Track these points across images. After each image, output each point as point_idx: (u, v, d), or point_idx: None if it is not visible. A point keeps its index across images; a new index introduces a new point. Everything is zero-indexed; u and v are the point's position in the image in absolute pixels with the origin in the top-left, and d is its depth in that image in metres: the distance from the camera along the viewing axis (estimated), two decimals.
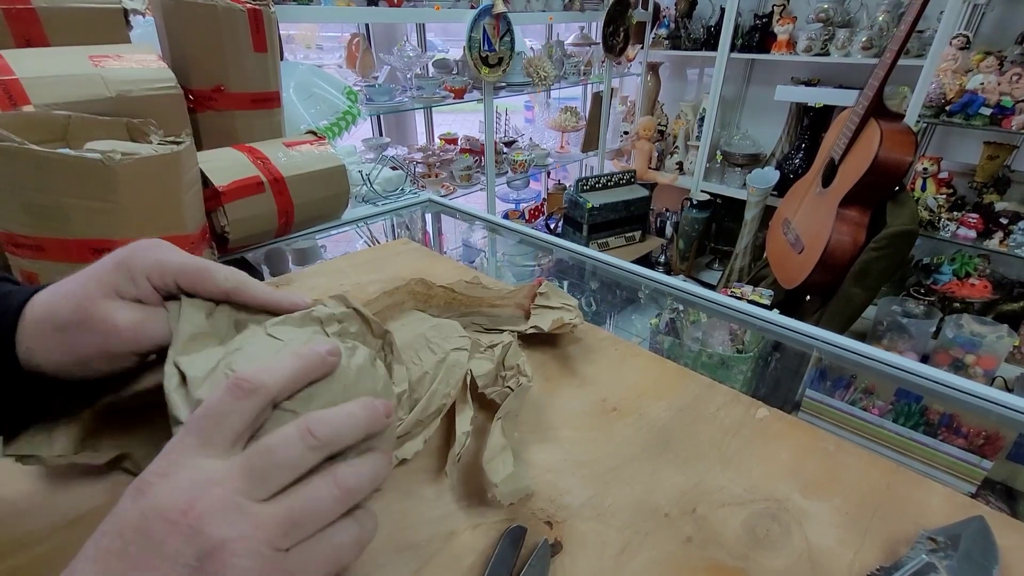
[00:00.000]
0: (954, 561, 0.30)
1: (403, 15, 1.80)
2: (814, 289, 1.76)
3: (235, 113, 0.81)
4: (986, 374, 1.62)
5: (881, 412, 0.58)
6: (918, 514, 0.36)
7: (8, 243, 0.53)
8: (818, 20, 2.14)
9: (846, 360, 0.59)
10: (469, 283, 0.54)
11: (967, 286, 1.89)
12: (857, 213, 1.61)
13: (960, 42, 1.80)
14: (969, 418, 0.55)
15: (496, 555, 0.31)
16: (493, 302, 0.54)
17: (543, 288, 0.54)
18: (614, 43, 2.46)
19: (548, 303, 0.53)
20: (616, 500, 0.36)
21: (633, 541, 0.34)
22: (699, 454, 0.41)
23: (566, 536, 0.34)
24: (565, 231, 2.55)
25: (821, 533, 0.35)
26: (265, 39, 0.80)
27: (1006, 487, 0.52)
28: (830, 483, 0.39)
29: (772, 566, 0.32)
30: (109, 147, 0.51)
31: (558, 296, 0.54)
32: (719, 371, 0.78)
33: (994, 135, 1.83)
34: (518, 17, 2.00)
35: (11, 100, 0.58)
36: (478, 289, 0.54)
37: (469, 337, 0.45)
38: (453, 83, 1.98)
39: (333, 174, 0.82)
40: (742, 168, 2.58)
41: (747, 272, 2.39)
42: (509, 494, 0.33)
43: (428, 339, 0.43)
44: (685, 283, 0.74)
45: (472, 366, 0.43)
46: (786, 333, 0.63)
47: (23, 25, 0.67)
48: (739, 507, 0.36)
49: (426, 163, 2.14)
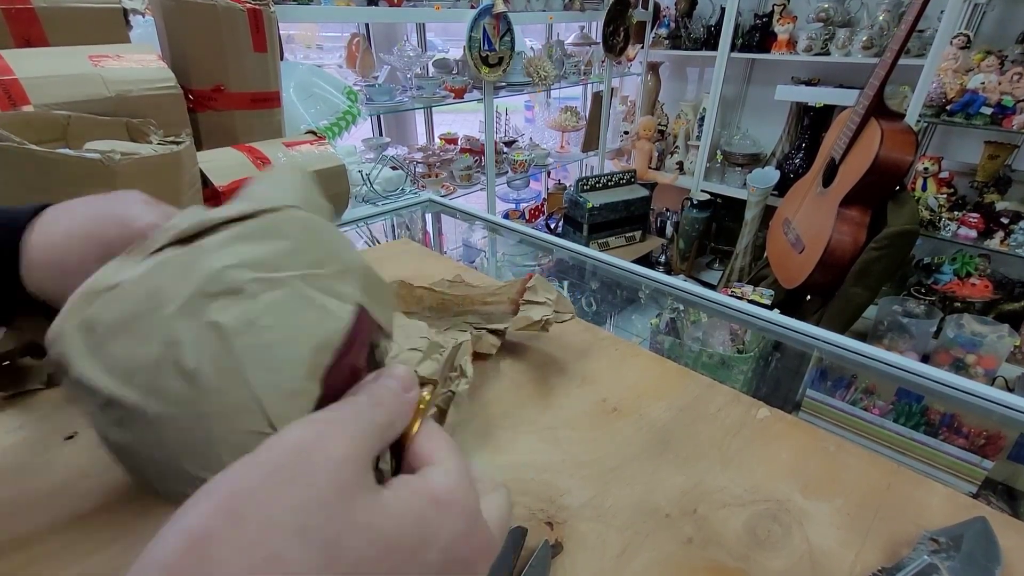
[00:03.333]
0: (956, 562, 0.30)
1: (403, 15, 1.80)
2: (814, 289, 1.76)
3: (235, 113, 0.81)
4: (987, 374, 1.62)
5: (882, 412, 0.58)
6: (919, 514, 0.36)
7: None
8: (818, 20, 2.14)
9: (847, 360, 0.59)
10: (451, 282, 0.54)
11: (968, 286, 1.89)
12: (858, 213, 1.61)
13: (961, 41, 1.80)
14: (970, 418, 0.55)
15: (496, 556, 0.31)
16: (484, 300, 0.54)
17: (532, 283, 0.53)
18: (614, 43, 2.46)
19: (535, 298, 0.52)
20: (616, 500, 0.36)
21: (634, 542, 0.33)
22: (700, 454, 0.41)
23: (566, 537, 0.34)
24: (565, 231, 2.55)
25: (822, 534, 0.35)
26: (265, 39, 0.80)
27: (1007, 487, 0.52)
28: (831, 483, 0.39)
29: (773, 567, 0.32)
30: (109, 147, 0.51)
31: (545, 291, 0.53)
32: (719, 371, 0.78)
33: (995, 135, 1.83)
34: (518, 17, 2.00)
35: (11, 100, 0.58)
36: (462, 287, 0.53)
37: (429, 338, 0.45)
38: (453, 83, 1.98)
39: (333, 174, 0.82)
40: (742, 168, 2.58)
41: (747, 272, 2.39)
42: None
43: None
44: (685, 283, 0.74)
45: (421, 367, 0.44)
46: (786, 333, 0.63)
47: (23, 25, 0.67)
48: (740, 508, 0.36)
49: (426, 163, 2.14)
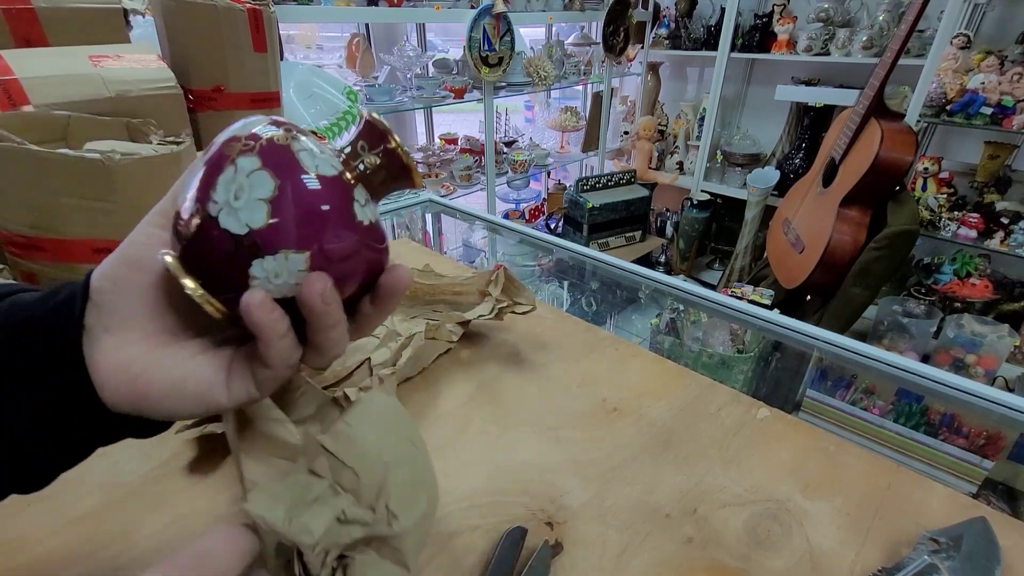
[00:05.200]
0: (956, 562, 0.30)
1: (403, 15, 1.80)
2: (815, 289, 1.76)
3: (235, 113, 0.81)
4: (987, 374, 1.62)
5: (882, 412, 0.58)
6: (919, 514, 0.36)
7: (8, 243, 0.53)
8: (818, 20, 2.14)
9: (847, 360, 0.59)
10: (421, 271, 0.55)
11: (968, 286, 1.89)
12: (858, 213, 1.61)
13: (961, 41, 1.80)
14: (970, 418, 0.54)
15: (496, 556, 0.31)
16: (455, 289, 0.55)
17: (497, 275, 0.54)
18: (614, 43, 2.45)
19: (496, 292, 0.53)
20: (617, 500, 0.36)
21: (634, 542, 0.33)
22: (700, 454, 0.41)
23: (566, 537, 0.34)
24: (565, 231, 2.55)
25: (822, 534, 0.35)
26: (265, 39, 0.79)
27: (1007, 487, 0.52)
28: (831, 483, 0.39)
29: (773, 567, 0.32)
30: (109, 147, 0.51)
31: (510, 282, 0.54)
32: (719, 371, 0.78)
33: (995, 135, 1.83)
34: (518, 17, 2.00)
35: (11, 100, 0.58)
36: (431, 276, 0.55)
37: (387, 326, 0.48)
38: (453, 83, 1.98)
39: None
40: (742, 168, 2.58)
41: (747, 272, 2.39)
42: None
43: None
44: (685, 283, 0.74)
45: (375, 354, 0.46)
46: (786, 333, 0.63)
47: (23, 25, 0.67)
48: (740, 507, 0.36)
49: (426, 163, 2.14)
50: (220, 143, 0.21)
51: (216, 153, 0.21)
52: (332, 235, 0.21)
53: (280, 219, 0.20)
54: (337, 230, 0.21)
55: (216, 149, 0.21)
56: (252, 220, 0.20)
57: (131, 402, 0.22)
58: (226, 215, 0.20)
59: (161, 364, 0.22)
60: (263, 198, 0.20)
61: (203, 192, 0.20)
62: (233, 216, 0.20)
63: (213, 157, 0.21)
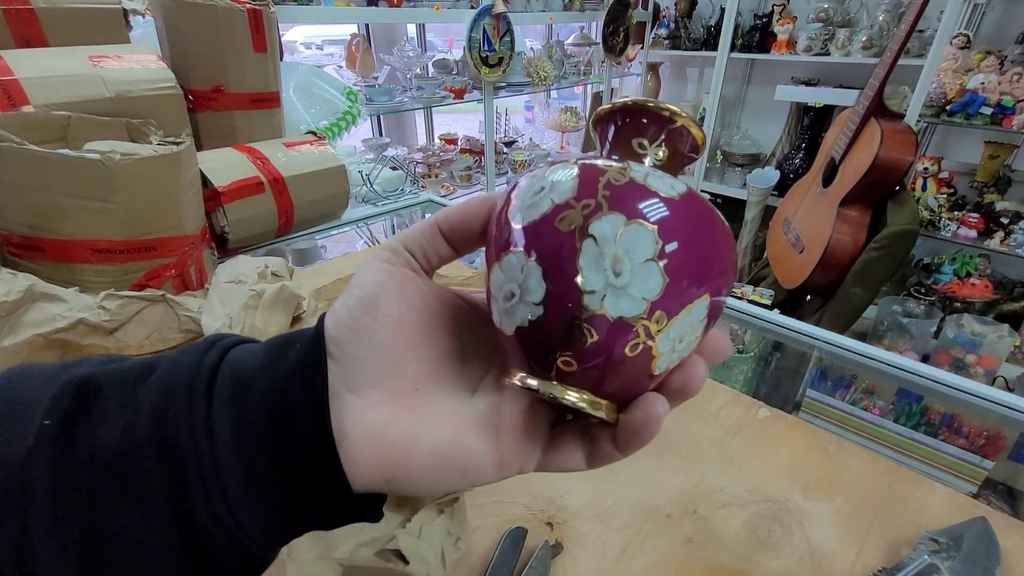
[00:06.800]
0: (956, 562, 0.30)
1: (403, 15, 1.80)
2: (815, 289, 1.76)
3: (235, 113, 0.81)
4: (987, 374, 1.62)
5: (882, 412, 0.58)
6: (919, 514, 0.36)
7: (8, 243, 0.53)
8: (818, 20, 2.14)
9: (847, 360, 0.59)
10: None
11: (968, 286, 1.89)
12: (858, 213, 1.61)
13: (960, 42, 1.80)
14: (970, 418, 0.54)
15: (497, 556, 0.31)
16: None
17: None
18: (614, 43, 2.45)
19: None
20: (617, 501, 0.36)
21: (634, 542, 0.33)
22: (700, 454, 0.41)
23: (567, 537, 0.34)
24: None
25: (822, 534, 0.35)
26: (265, 39, 0.80)
27: (1007, 487, 0.52)
28: (831, 483, 0.38)
29: (773, 567, 0.32)
30: (108, 147, 0.51)
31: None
32: (720, 371, 0.77)
33: (995, 134, 1.83)
34: (518, 17, 2.00)
35: (11, 100, 0.58)
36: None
37: None
38: (453, 83, 1.98)
39: (333, 174, 0.82)
40: (742, 168, 2.58)
41: (747, 272, 2.39)
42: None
43: None
44: None
45: None
46: (787, 333, 0.63)
47: (23, 25, 0.67)
48: (740, 508, 0.36)
49: (426, 163, 2.14)
50: (536, 220, 0.16)
51: (550, 238, 0.16)
52: (717, 263, 0.17)
53: (676, 268, 0.15)
54: (720, 252, 0.17)
55: (546, 233, 0.16)
56: (647, 290, 0.15)
57: (385, 477, 0.18)
58: (612, 299, 0.15)
59: (419, 429, 0.18)
60: (649, 257, 0.15)
61: (561, 284, 0.15)
62: (622, 296, 0.15)
63: (547, 245, 0.16)
